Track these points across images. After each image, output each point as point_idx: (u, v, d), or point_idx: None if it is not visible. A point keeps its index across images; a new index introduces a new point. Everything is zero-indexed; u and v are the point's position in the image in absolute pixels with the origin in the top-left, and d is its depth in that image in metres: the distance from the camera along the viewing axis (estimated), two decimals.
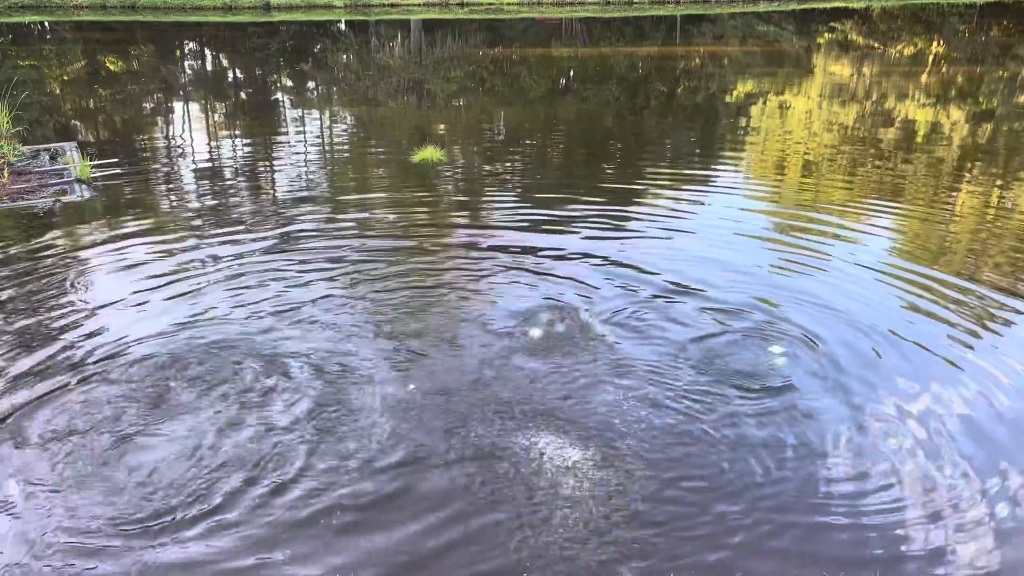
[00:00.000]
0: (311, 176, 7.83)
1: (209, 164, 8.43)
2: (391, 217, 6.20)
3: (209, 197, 6.96)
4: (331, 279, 4.82)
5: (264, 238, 5.67)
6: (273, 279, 4.82)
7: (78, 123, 11.03)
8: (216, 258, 5.24)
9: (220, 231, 5.86)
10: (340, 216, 6.26)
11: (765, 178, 7.96)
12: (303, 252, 5.34)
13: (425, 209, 6.46)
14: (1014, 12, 32.55)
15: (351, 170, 8.25)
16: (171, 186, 7.38)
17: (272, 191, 7.20)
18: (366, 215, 6.28)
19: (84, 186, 7.15)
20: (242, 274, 4.92)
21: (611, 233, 5.77)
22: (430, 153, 8.19)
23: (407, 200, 6.72)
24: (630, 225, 6.01)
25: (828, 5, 37.65)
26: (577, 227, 5.90)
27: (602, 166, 8.34)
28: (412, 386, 3.56)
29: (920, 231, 5.98)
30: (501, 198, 6.85)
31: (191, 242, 5.58)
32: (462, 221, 6.16)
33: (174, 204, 6.73)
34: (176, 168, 8.21)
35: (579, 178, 7.75)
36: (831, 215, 6.29)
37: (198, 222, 6.12)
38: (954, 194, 7.09)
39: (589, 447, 3.10)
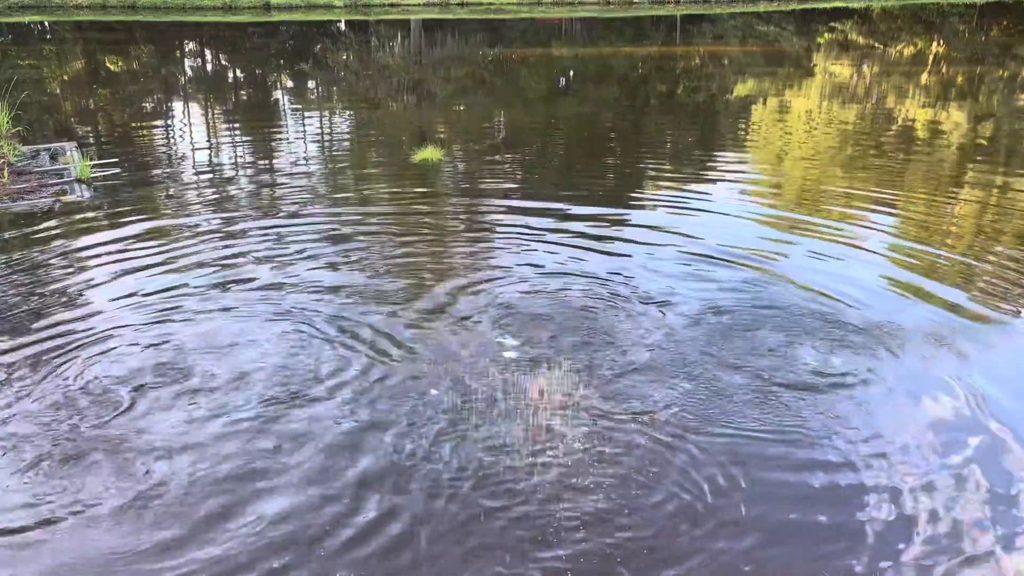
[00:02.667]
0: (311, 176, 7.82)
1: (209, 164, 8.43)
2: (392, 216, 6.20)
3: (209, 196, 6.96)
4: (332, 275, 4.81)
5: (265, 236, 5.66)
6: (275, 275, 4.82)
7: (78, 123, 11.03)
8: (217, 256, 5.23)
9: (221, 230, 5.85)
10: (340, 215, 6.25)
11: (766, 174, 7.96)
12: (303, 250, 5.33)
13: (426, 208, 6.45)
14: (1014, 12, 32.56)
15: (351, 170, 8.24)
16: (171, 186, 7.37)
17: (272, 190, 7.19)
18: (367, 215, 6.27)
19: (84, 186, 7.14)
20: (244, 272, 4.92)
21: (615, 228, 5.76)
22: (430, 153, 8.18)
23: (408, 199, 6.72)
24: (634, 221, 6.01)
25: (828, 5, 37.66)
26: (580, 221, 5.90)
27: (603, 165, 8.34)
28: (434, 389, 3.56)
29: (925, 220, 6.00)
30: (503, 196, 6.84)
31: (191, 241, 5.58)
32: (464, 218, 6.15)
33: (174, 203, 6.73)
34: (176, 168, 8.20)
35: (580, 176, 7.74)
36: (835, 207, 6.30)
37: (198, 221, 6.12)
38: (957, 188, 7.10)
39: (638, 438, 3.10)
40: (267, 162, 8.52)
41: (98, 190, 7.06)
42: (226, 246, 5.48)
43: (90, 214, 6.30)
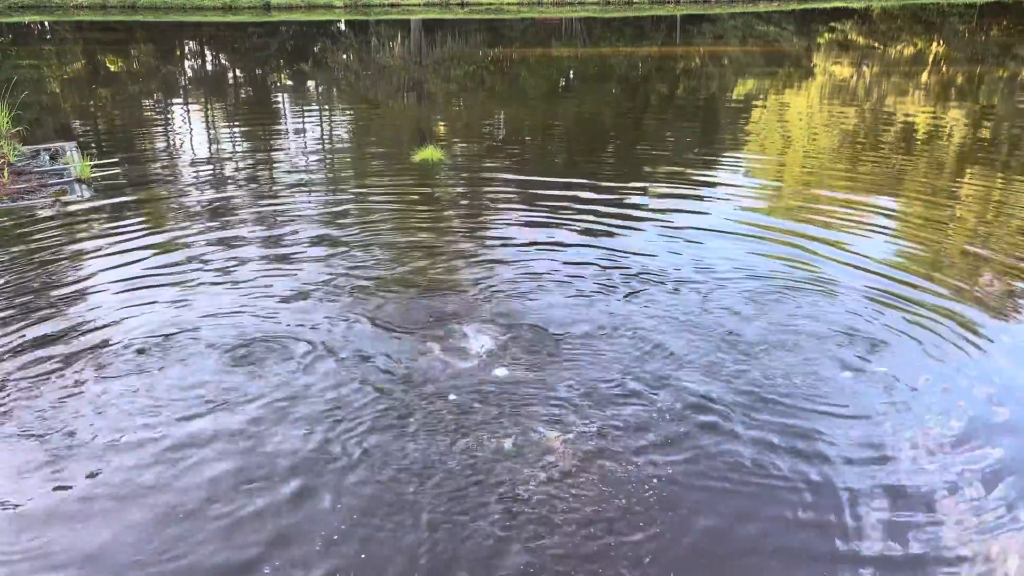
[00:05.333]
0: (311, 176, 7.82)
1: (209, 163, 8.43)
2: (392, 216, 6.20)
3: (209, 196, 6.96)
4: (333, 276, 4.81)
5: (265, 236, 5.67)
6: (275, 276, 4.82)
7: (78, 123, 11.03)
8: (217, 256, 5.23)
9: (221, 230, 5.85)
10: (340, 215, 6.26)
11: (767, 175, 7.96)
12: (304, 250, 5.33)
13: (427, 208, 6.45)
14: (1014, 12, 32.57)
15: (351, 170, 8.24)
16: (171, 186, 7.37)
17: (272, 190, 7.19)
18: (367, 215, 6.28)
19: (84, 186, 7.14)
20: (245, 272, 4.92)
21: (619, 228, 5.76)
22: (430, 153, 8.18)
23: (408, 200, 6.72)
24: (638, 220, 6.00)
25: (828, 5, 37.68)
26: (582, 220, 5.91)
27: (604, 164, 8.33)
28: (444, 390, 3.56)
29: (925, 221, 6.02)
30: (503, 196, 6.84)
31: (191, 241, 5.58)
32: (464, 217, 6.15)
33: (174, 204, 6.72)
34: (176, 168, 8.20)
35: (581, 175, 7.73)
36: (837, 208, 6.31)
37: (198, 221, 6.12)
38: (958, 187, 7.11)
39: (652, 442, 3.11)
40: (267, 162, 8.52)
41: (98, 190, 7.06)
42: (227, 245, 5.48)
43: (90, 214, 6.31)
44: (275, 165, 8.33)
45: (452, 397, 3.46)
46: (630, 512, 2.75)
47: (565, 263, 5.10)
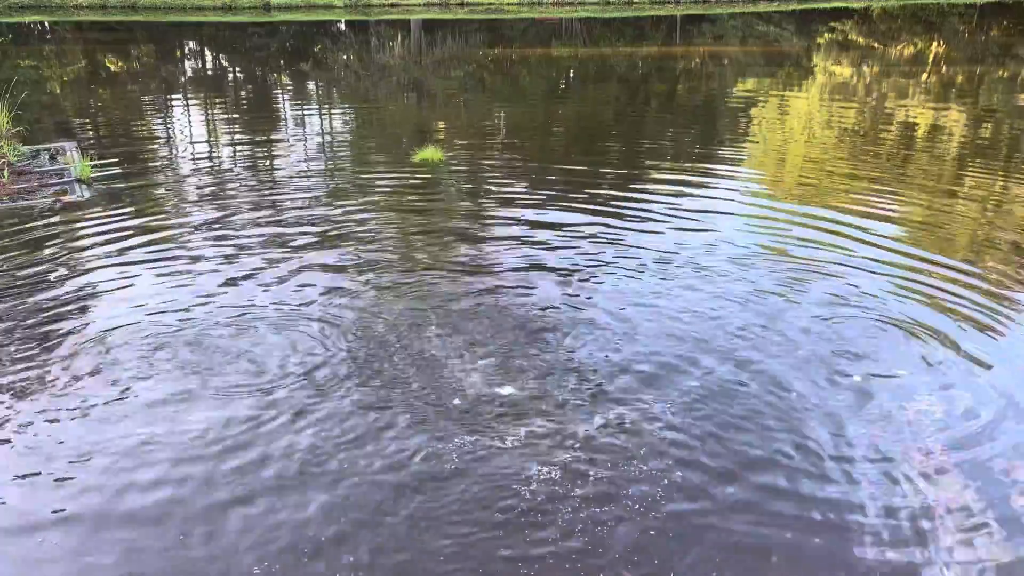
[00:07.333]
0: (312, 177, 7.81)
1: (209, 164, 8.42)
2: (391, 217, 6.20)
3: (209, 195, 6.95)
4: (332, 276, 4.81)
5: (265, 237, 5.66)
6: (276, 278, 4.82)
7: (78, 123, 11.02)
8: (217, 257, 5.23)
9: (221, 231, 5.85)
10: (341, 216, 6.25)
11: (768, 175, 7.96)
12: (305, 251, 5.33)
13: (429, 208, 6.45)
14: (1014, 12, 32.56)
15: (351, 171, 8.23)
16: (171, 186, 7.37)
17: (271, 190, 7.19)
18: (368, 215, 6.27)
19: (84, 186, 7.14)
20: (245, 274, 4.92)
21: (621, 225, 5.76)
22: (431, 153, 8.17)
23: (410, 200, 6.72)
24: (640, 214, 6.00)
25: (828, 5, 37.66)
26: (584, 218, 5.90)
27: (604, 165, 8.32)
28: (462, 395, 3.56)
29: (927, 221, 6.02)
30: (504, 195, 6.84)
31: (191, 242, 5.58)
32: (464, 219, 6.15)
33: (174, 204, 6.72)
34: (176, 168, 8.20)
35: (582, 175, 7.73)
36: (839, 207, 6.30)
37: (198, 221, 6.12)
38: (959, 184, 7.11)
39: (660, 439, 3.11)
40: (267, 162, 8.52)
41: (98, 190, 7.05)
42: (227, 245, 5.48)
43: (90, 214, 6.30)
44: (275, 167, 8.32)
45: (456, 401, 3.45)
46: (640, 517, 2.75)
47: (568, 260, 5.10)
